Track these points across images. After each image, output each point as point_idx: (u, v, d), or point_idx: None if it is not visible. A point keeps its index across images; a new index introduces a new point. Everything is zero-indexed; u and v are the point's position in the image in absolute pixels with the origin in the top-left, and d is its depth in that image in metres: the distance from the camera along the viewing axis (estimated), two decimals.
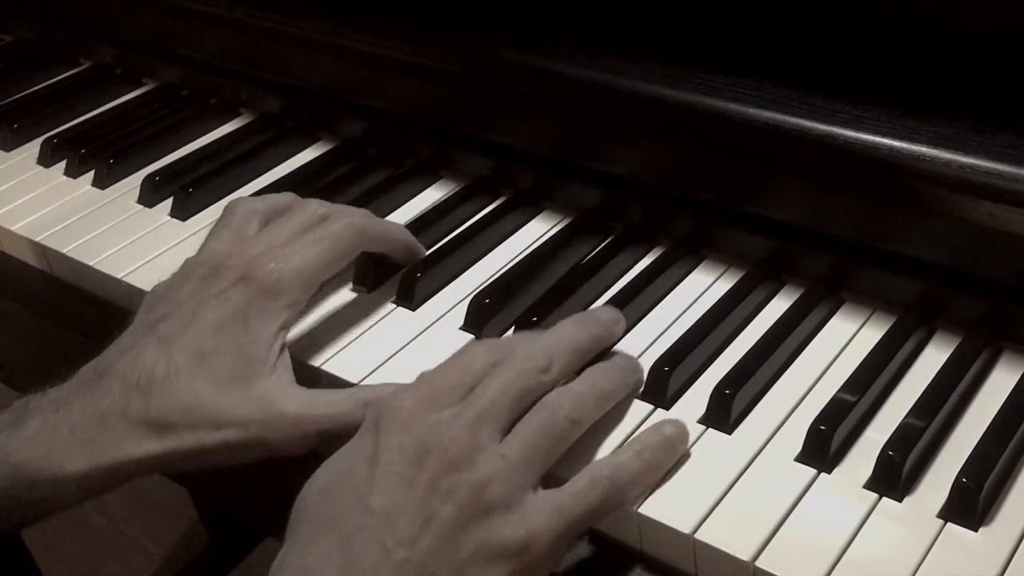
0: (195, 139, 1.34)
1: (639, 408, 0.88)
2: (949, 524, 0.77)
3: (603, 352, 0.92)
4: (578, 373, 0.86)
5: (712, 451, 0.84)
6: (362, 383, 0.94)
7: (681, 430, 0.84)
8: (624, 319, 0.93)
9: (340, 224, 0.95)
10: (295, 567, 0.74)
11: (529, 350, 0.83)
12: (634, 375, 0.89)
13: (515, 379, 0.81)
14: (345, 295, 1.03)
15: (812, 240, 0.97)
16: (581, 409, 0.82)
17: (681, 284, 1.01)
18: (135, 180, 1.25)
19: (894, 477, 0.80)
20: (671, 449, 0.83)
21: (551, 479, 0.79)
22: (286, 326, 0.90)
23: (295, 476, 0.83)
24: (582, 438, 0.84)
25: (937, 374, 0.88)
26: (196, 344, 0.87)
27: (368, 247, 1.00)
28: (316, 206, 0.97)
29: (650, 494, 0.81)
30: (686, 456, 0.84)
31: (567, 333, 0.88)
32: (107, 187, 1.25)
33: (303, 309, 0.93)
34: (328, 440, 0.84)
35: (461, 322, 0.99)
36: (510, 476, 0.76)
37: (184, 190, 1.19)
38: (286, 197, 1.00)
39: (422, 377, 0.82)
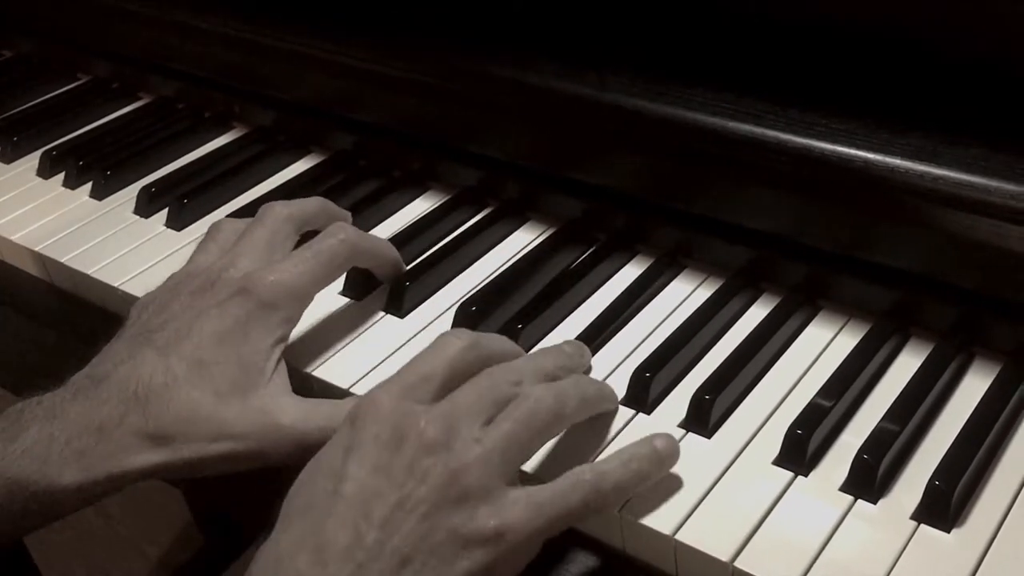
0: (190, 151, 1.34)
1: (621, 413, 0.88)
2: (922, 526, 0.77)
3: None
4: None
5: (692, 455, 0.84)
6: (352, 388, 0.94)
7: (671, 444, 0.82)
8: (589, 352, 0.92)
9: (335, 240, 0.94)
10: (268, 556, 0.72)
11: (504, 367, 0.82)
12: (612, 402, 0.88)
13: (491, 385, 0.79)
14: (335, 303, 1.03)
15: (789, 249, 0.97)
16: (564, 404, 0.80)
17: (662, 292, 1.01)
18: (132, 191, 1.25)
19: (869, 480, 0.79)
20: (660, 463, 0.81)
21: (532, 482, 0.78)
22: (282, 339, 0.89)
23: (287, 478, 0.83)
24: (563, 440, 0.84)
25: (911, 380, 0.88)
26: (195, 354, 0.86)
27: (359, 262, 0.99)
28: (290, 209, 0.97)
29: (633, 496, 0.80)
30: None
31: (536, 358, 0.87)
32: (105, 198, 1.25)
33: (297, 322, 0.92)
34: None
35: (448, 329, 0.98)
36: (487, 463, 0.74)
37: (179, 201, 1.19)
38: (269, 206, 0.99)
39: (399, 372, 0.80)
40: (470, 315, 0.98)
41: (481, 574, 0.72)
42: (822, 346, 0.93)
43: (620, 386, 0.90)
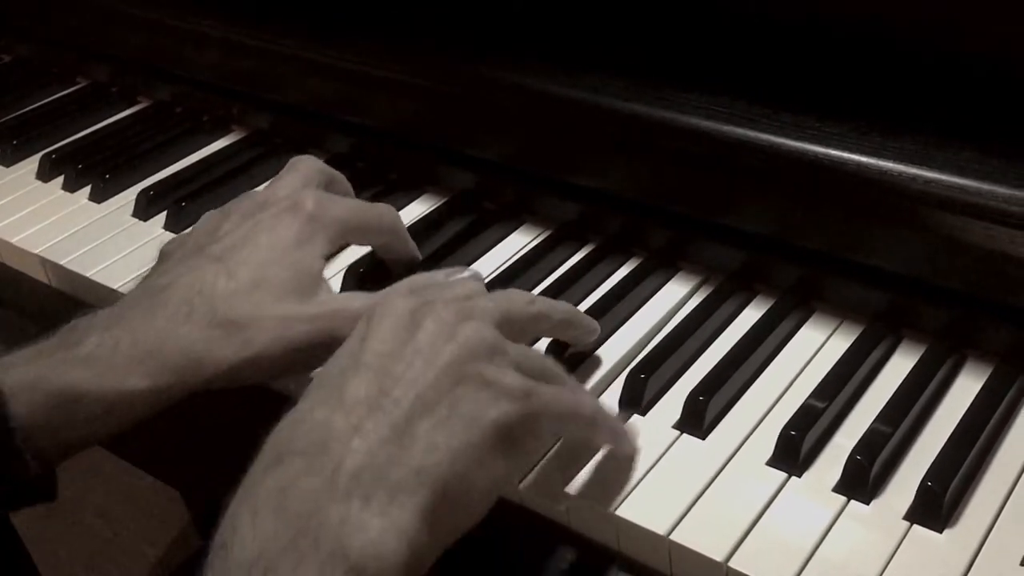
0: (188, 155, 1.34)
1: (616, 414, 0.88)
2: (915, 526, 0.77)
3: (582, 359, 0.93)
4: None
5: (687, 455, 0.84)
6: None
7: (631, 430, 0.84)
8: (598, 327, 0.93)
9: (385, 208, 0.98)
10: (288, 419, 0.71)
11: (521, 292, 0.85)
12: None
13: (504, 299, 0.81)
14: None
15: (783, 252, 0.97)
16: (563, 377, 0.80)
17: (657, 294, 1.01)
18: (130, 194, 1.25)
19: (862, 481, 0.80)
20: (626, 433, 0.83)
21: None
22: (326, 256, 0.91)
23: None
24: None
25: (903, 381, 0.88)
26: (254, 259, 0.87)
27: (393, 240, 1.01)
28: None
29: (628, 496, 0.81)
30: (662, 460, 0.84)
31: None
32: (103, 201, 1.25)
33: (333, 254, 0.94)
34: None
35: None
36: (504, 346, 0.75)
37: (177, 204, 1.19)
38: (301, 157, 1.01)
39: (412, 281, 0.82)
40: None
41: (507, 430, 0.72)
42: (815, 348, 0.93)
43: (616, 387, 0.91)
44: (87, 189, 1.27)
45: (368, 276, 1.03)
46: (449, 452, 0.69)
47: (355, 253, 1.06)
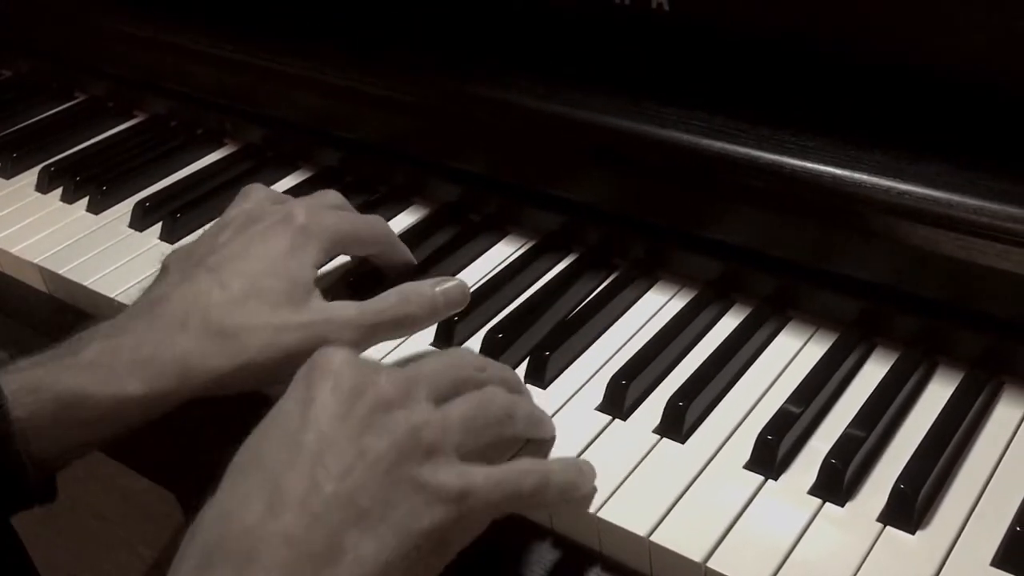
0: (183, 167, 1.33)
1: (598, 419, 0.88)
2: (888, 528, 0.77)
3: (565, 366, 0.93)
4: None
5: (666, 459, 0.84)
6: None
7: (590, 465, 0.82)
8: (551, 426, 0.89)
9: (374, 216, 0.99)
10: (212, 512, 0.68)
11: (471, 352, 0.87)
12: (551, 433, 0.87)
13: (451, 364, 0.79)
14: None
15: (760, 262, 0.96)
16: (516, 408, 0.80)
17: (637, 303, 1.01)
18: (127, 206, 1.24)
19: (836, 484, 0.79)
20: (584, 476, 0.80)
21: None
22: (319, 265, 0.92)
23: None
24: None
25: (877, 387, 0.88)
26: (248, 270, 0.87)
27: (384, 249, 1.02)
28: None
29: (610, 499, 0.81)
30: (643, 464, 0.84)
31: (500, 365, 0.87)
32: (101, 212, 1.25)
33: (323, 265, 0.94)
34: (382, 335, 0.89)
35: (432, 338, 0.98)
36: (447, 429, 0.72)
37: (172, 215, 1.19)
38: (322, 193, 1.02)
39: None
40: (452, 325, 0.98)
41: (440, 535, 0.69)
42: (791, 355, 0.93)
43: (597, 393, 0.90)
44: (85, 200, 1.27)
45: (357, 284, 1.03)
46: (378, 565, 0.67)
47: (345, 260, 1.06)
